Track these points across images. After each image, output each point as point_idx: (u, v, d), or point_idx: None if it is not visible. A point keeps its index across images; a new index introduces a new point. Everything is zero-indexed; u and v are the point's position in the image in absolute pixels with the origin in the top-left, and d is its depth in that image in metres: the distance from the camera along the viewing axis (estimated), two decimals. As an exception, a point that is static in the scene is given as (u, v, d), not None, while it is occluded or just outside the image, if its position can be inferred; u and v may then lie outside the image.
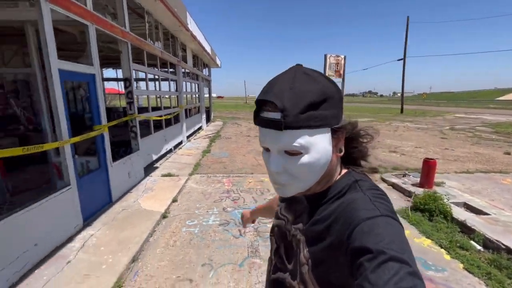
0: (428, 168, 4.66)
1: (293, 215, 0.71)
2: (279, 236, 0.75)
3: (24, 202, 2.55)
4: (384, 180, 5.23)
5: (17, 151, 2.42)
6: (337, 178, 0.61)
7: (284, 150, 0.54)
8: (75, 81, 4.30)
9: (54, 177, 3.86)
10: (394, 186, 4.96)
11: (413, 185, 4.80)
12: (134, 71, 5.10)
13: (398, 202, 4.26)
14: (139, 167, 5.06)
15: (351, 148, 0.62)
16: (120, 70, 8.56)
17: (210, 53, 12.02)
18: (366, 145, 0.63)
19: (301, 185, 0.57)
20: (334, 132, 0.55)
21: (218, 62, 15.72)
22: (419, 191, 4.39)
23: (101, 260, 2.63)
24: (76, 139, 3.14)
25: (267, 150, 0.57)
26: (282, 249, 0.73)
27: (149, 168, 5.75)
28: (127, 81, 4.86)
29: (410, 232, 3.31)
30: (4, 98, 7.18)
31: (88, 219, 3.40)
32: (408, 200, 4.26)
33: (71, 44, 6.12)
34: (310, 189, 0.59)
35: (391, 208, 0.52)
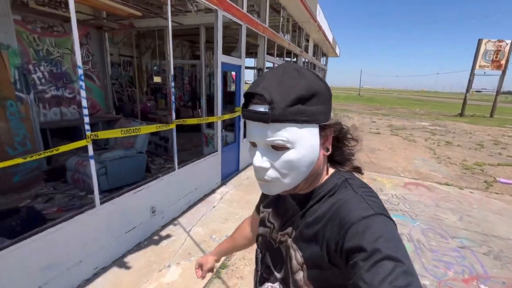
0: None
1: (280, 221, 0.68)
2: (264, 245, 0.72)
3: (188, 158, 3.61)
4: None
5: (193, 120, 3.42)
6: (326, 178, 0.60)
7: (270, 145, 0.52)
8: (228, 70, 5.36)
9: (209, 143, 5.08)
10: None
11: None
12: (266, 62, 5.83)
13: None
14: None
15: (338, 148, 0.60)
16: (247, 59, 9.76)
17: (331, 42, 11.82)
18: (352, 146, 0.61)
19: (286, 182, 0.54)
20: (322, 130, 0.54)
21: (337, 51, 15.22)
22: None
23: (235, 211, 3.42)
24: (227, 116, 4.05)
25: (253, 145, 0.55)
26: (268, 258, 0.70)
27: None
28: (260, 70, 5.63)
29: None
30: (165, 80, 9.72)
31: (224, 180, 4.37)
32: None
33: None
34: (297, 187, 0.57)
35: (383, 206, 0.52)
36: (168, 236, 2.84)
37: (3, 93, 3.32)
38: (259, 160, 0.53)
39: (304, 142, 0.51)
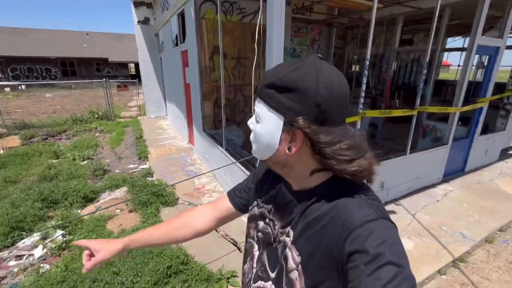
0: None
1: (280, 218, 0.66)
2: (264, 242, 0.70)
3: (395, 148, 3.59)
4: None
5: (433, 109, 3.35)
6: (326, 178, 0.57)
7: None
8: (480, 55, 4.61)
9: (427, 135, 4.79)
10: None
11: None
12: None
13: None
14: (497, 148, 4.70)
15: (321, 160, 0.52)
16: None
17: None
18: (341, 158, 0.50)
19: (254, 148, 0.61)
20: (289, 126, 0.52)
21: None
22: None
23: (466, 212, 3.12)
24: (466, 108, 3.60)
25: None
26: (265, 256, 0.69)
27: (503, 153, 5.11)
28: (520, 52, 4.32)
29: None
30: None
31: (445, 177, 3.99)
32: None
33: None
34: (276, 167, 0.61)
35: (386, 210, 0.51)
36: (392, 211, 3.13)
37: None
38: (250, 120, 0.62)
39: (266, 124, 0.55)
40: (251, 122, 0.61)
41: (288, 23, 4.79)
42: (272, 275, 0.65)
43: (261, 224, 0.72)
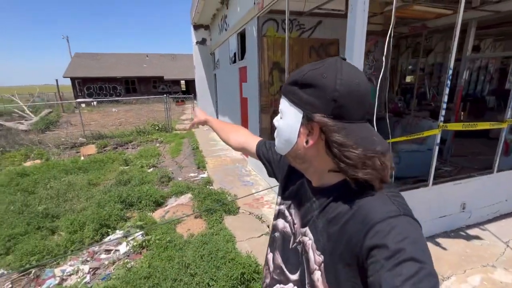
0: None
1: (300, 215, 0.66)
2: (280, 241, 0.71)
3: (467, 165, 3.16)
4: None
5: (496, 125, 2.95)
6: (343, 177, 0.55)
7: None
8: None
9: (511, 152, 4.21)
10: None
11: None
12: None
13: None
14: None
15: (332, 156, 0.53)
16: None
17: None
18: (353, 153, 0.50)
19: (276, 143, 0.64)
20: (307, 120, 0.54)
21: None
22: None
23: None
24: None
25: None
26: (279, 258, 0.69)
27: None
28: None
29: None
30: (422, 79, 8.92)
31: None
32: None
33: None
34: (300, 166, 0.62)
35: (409, 208, 0.51)
36: (477, 237, 2.77)
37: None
38: (276, 118, 0.64)
39: (287, 118, 0.58)
40: (276, 120, 0.64)
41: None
42: (293, 277, 0.64)
43: (280, 222, 0.73)
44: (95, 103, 18.99)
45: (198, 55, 8.92)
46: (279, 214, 0.74)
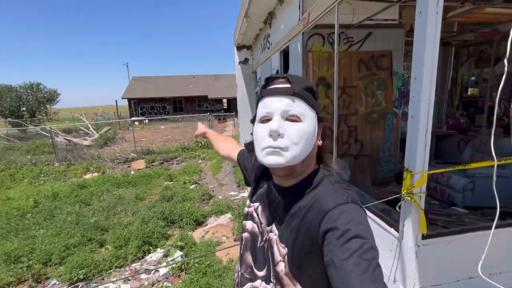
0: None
1: (266, 215, 0.71)
2: (247, 243, 0.75)
3: None
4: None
5: None
6: (310, 172, 0.66)
7: (285, 117, 0.61)
8: None
9: None
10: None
11: None
12: None
13: None
14: None
15: (323, 146, 0.69)
16: None
17: None
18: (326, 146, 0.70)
19: (295, 151, 0.59)
20: (318, 121, 0.65)
21: None
22: None
23: None
24: None
25: (266, 121, 0.62)
26: (250, 257, 0.73)
27: None
28: None
29: None
30: (487, 91, 7.72)
31: None
32: None
33: None
34: (295, 169, 0.63)
35: (356, 197, 0.59)
36: None
37: (386, 109, 4.40)
38: (276, 125, 0.59)
39: (310, 121, 0.62)
40: (291, 125, 0.60)
41: (401, 46, 4.37)
42: (261, 273, 0.69)
43: (248, 223, 0.77)
44: (146, 121, 20.76)
45: (240, 74, 9.18)
46: (247, 216, 0.79)
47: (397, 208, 1.64)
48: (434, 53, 1.70)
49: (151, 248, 3.18)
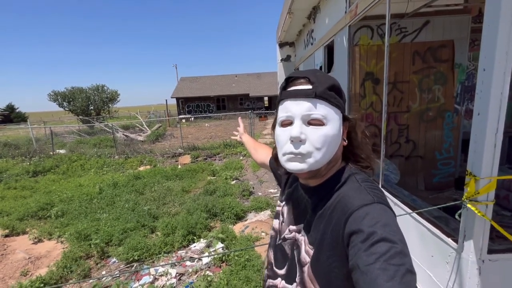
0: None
1: (292, 215, 0.71)
2: (273, 239, 0.76)
3: None
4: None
5: None
6: (336, 171, 0.64)
7: (307, 121, 0.58)
8: None
9: None
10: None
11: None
12: None
13: None
14: None
15: (350, 144, 0.66)
16: None
17: None
18: (364, 144, 0.65)
19: (318, 156, 0.58)
20: (343, 120, 0.62)
21: None
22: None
23: None
24: None
25: (287, 124, 0.61)
26: (272, 255, 0.74)
27: None
28: None
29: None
30: None
31: None
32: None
33: None
34: (320, 171, 0.61)
35: (384, 197, 0.56)
36: None
37: (445, 106, 3.94)
38: (297, 131, 0.57)
39: (334, 123, 0.59)
40: (301, 132, 0.58)
41: (465, 35, 3.86)
42: (281, 272, 0.69)
43: (275, 222, 0.78)
44: (192, 118, 22.04)
45: (282, 72, 9.12)
46: (277, 215, 0.79)
47: (456, 216, 1.47)
48: (510, 39, 1.47)
49: (195, 238, 3.39)
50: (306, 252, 0.62)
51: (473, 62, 5.10)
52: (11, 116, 35.78)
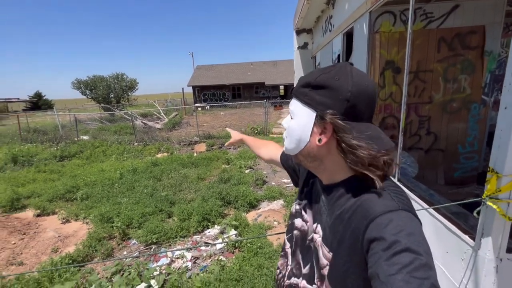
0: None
1: (312, 214, 0.71)
2: (297, 240, 0.75)
3: None
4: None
5: None
6: (352, 173, 0.59)
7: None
8: None
9: None
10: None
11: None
12: None
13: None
14: None
15: (344, 152, 0.58)
16: None
17: None
18: (363, 152, 0.54)
19: (286, 143, 0.66)
20: (319, 119, 0.57)
21: None
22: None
23: None
24: None
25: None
26: (299, 254, 0.73)
27: None
28: None
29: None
30: None
31: None
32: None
33: None
34: (300, 163, 0.68)
35: (410, 204, 0.53)
36: None
37: (471, 97, 3.72)
38: (284, 121, 0.67)
39: (300, 119, 0.61)
40: (285, 121, 0.66)
41: (499, 19, 3.58)
42: (304, 271, 0.68)
43: (297, 221, 0.76)
44: (208, 107, 22.24)
45: (298, 60, 8.91)
46: (295, 214, 0.78)
47: (475, 213, 1.42)
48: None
49: (209, 224, 3.51)
50: (324, 255, 0.60)
51: (506, 49, 4.73)
52: (39, 103, 37.75)
